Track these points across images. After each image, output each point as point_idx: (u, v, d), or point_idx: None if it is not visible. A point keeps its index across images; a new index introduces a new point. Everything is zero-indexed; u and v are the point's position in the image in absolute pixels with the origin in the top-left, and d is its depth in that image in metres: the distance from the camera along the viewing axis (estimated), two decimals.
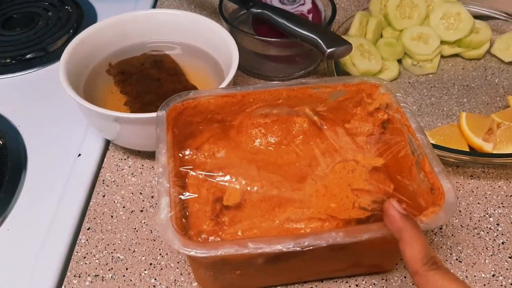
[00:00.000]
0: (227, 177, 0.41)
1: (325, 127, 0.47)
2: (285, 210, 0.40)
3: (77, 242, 0.48)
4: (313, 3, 0.64)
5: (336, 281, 0.45)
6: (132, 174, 0.54)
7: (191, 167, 0.42)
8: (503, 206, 0.51)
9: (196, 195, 0.40)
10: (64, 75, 0.51)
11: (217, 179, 0.41)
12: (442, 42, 0.67)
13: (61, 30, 0.71)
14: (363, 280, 0.45)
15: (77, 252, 0.47)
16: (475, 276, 0.45)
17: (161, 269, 0.46)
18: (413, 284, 0.44)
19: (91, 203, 0.51)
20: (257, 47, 0.62)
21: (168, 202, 0.36)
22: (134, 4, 0.76)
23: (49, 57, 0.67)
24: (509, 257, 0.47)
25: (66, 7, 0.76)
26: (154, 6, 0.78)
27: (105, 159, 0.55)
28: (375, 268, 0.45)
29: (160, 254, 0.47)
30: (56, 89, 0.52)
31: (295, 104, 0.46)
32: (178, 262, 0.46)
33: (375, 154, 0.44)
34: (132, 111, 0.53)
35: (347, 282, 0.45)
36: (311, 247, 0.34)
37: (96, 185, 0.53)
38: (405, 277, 0.45)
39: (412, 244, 0.32)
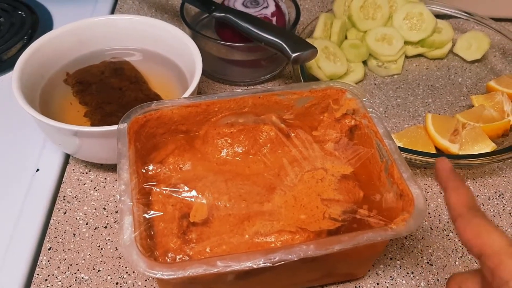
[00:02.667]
0: (193, 192, 0.40)
1: (292, 134, 0.46)
2: (254, 223, 0.38)
3: (38, 263, 0.45)
4: (277, 5, 0.63)
5: None
6: (94, 188, 0.51)
7: (155, 183, 0.40)
8: None
9: (161, 213, 0.38)
10: (17, 86, 0.48)
11: (183, 194, 0.40)
12: (406, 43, 0.67)
13: (14, 37, 0.68)
14: None
15: (38, 274, 0.44)
16: (446, 278, 0.45)
17: None
18: None
19: (51, 221, 0.48)
20: (221, 52, 0.61)
21: (131, 222, 0.34)
22: (92, 9, 0.73)
23: (2, 66, 0.64)
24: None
25: (19, 12, 0.72)
26: (113, 11, 0.75)
27: (65, 174, 0.53)
28: (348, 276, 0.44)
29: (127, 273, 0.45)
30: (10, 100, 0.49)
31: (261, 112, 0.45)
32: (145, 280, 0.44)
33: (344, 162, 0.43)
34: (93, 123, 0.51)
35: None
36: (282, 262, 0.33)
37: (56, 202, 0.50)
38: (377, 284, 0.45)
39: (458, 191, 0.32)
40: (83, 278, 0.44)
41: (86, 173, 0.53)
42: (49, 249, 0.46)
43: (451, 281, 0.34)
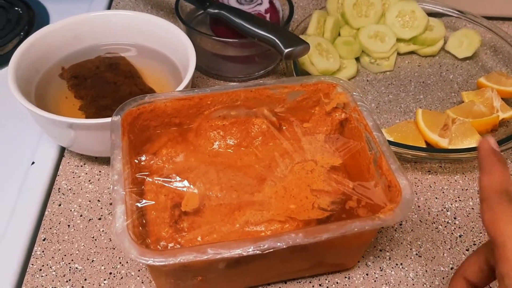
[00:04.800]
0: (185, 182, 0.41)
1: (284, 127, 0.47)
2: (244, 213, 0.39)
3: (32, 254, 0.46)
4: (271, 2, 0.64)
5: (300, 282, 0.45)
6: (89, 181, 0.52)
7: (148, 173, 0.41)
8: (460, 200, 0.52)
9: (154, 202, 0.39)
10: (13, 80, 0.49)
11: (175, 184, 0.40)
12: (398, 40, 0.68)
13: (11, 32, 0.68)
14: (326, 279, 0.45)
15: (32, 264, 0.45)
16: (434, 270, 0.46)
17: (121, 278, 0.44)
18: (375, 281, 0.45)
19: (46, 212, 0.49)
20: (215, 47, 0.62)
21: (123, 211, 0.35)
22: (88, 5, 0.74)
23: None
24: (466, 250, 0.48)
25: (16, 8, 0.72)
26: (109, 7, 0.76)
27: (60, 167, 0.53)
28: (337, 266, 0.45)
29: (120, 263, 0.45)
30: (6, 94, 0.50)
31: (253, 106, 0.46)
32: (139, 270, 0.45)
33: (333, 154, 0.44)
34: (87, 116, 0.52)
35: (310, 282, 0.45)
36: (271, 250, 0.34)
37: (51, 194, 0.51)
38: (367, 274, 0.45)
39: (492, 173, 0.31)
40: (77, 268, 0.45)
41: (81, 166, 0.54)
42: (43, 240, 0.47)
43: (456, 277, 0.35)
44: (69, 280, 0.44)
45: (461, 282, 0.35)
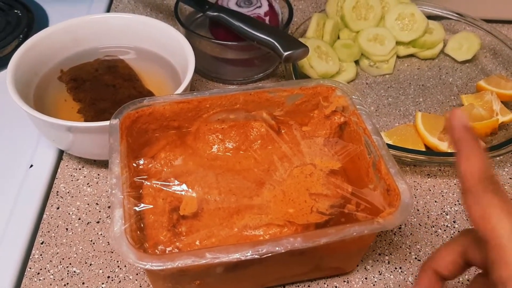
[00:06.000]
0: (184, 186, 0.40)
1: (283, 131, 0.46)
2: (243, 217, 0.39)
3: (30, 257, 0.46)
4: (270, 5, 0.64)
5: (298, 286, 0.45)
6: (87, 184, 0.52)
7: (146, 176, 0.41)
8: (459, 204, 0.52)
9: (152, 206, 0.39)
10: (12, 83, 0.49)
11: (173, 188, 0.40)
12: (398, 43, 0.68)
13: (10, 35, 0.68)
14: (325, 283, 0.45)
15: (30, 268, 0.45)
16: None
17: (119, 282, 0.44)
18: (374, 285, 0.45)
19: (44, 216, 0.49)
20: (214, 50, 0.62)
21: (122, 215, 0.35)
22: (87, 8, 0.74)
23: None
24: None
25: (15, 11, 0.73)
26: (108, 10, 0.76)
27: (58, 170, 0.53)
28: (336, 270, 0.45)
29: (118, 267, 0.45)
30: (4, 97, 0.50)
31: (252, 109, 0.46)
32: (137, 274, 0.45)
33: (332, 157, 0.44)
34: (86, 119, 0.52)
35: (309, 286, 0.45)
36: (270, 254, 0.34)
37: (49, 197, 0.51)
38: (365, 278, 0.45)
39: (470, 157, 0.28)
40: (75, 271, 0.45)
41: (80, 169, 0.53)
42: (41, 243, 0.47)
43: (425, 269, 0.33)
44: (67, 283, 0.44)
45: (430, 274, 0.33)
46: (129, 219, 0.35)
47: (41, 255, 0.46)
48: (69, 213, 0.49)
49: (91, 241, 0.47)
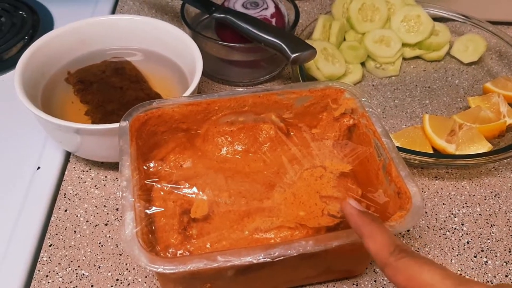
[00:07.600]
0: (194, 189, 0.40)
1: (292, 133, 0.46)
2: (254, 219, 0.39)
3: (39, 260, 0.46)
4: (276, 7, 0.64)
5: None
6: (95, 186, 0.52)
7: (157, 179, 0.41)
8: (467, 206, 0.52)
9: (163, 209, 0.39)
10: (19, 85, 0.49)
11: (183, 191, 0.40)
12: (404, 45, 0.68)
13: (15, 36, 0.68)
14: (334, 286, 0.45)
15: (39, 270, 0.45)
16: None
17: (128, 284, 0.44)
18: None
19: (52, 218, 0.49)
20: (221, 52, 0.62)
21: (133, 217, 0.35)
22: (93, 9, 0.74)
23: (3, 65, 0.64)
24: (474, 256, 0.48)
25: (20, 12, 0.72)
26: (113, 11, 0.76)
27: (66, 172, 0.53)
28: (346, 273, 0.45)
29: (127, 269, 0.45)
30: (12, 99, 0.50)
31: (261, 111, 0.46)
32: (146, 277, 0.45)
33: (342, 160, 0.44)
34: (93, 121, 0.51)
35: None
36: (282, 257, 0.33)
37: (57, 199, 0.50)
38: (375, 281, 0.45)
39: (373, 236, 0.31)
40: (83, 274, 0.45)
41: (87, 171, 0.53)
42: (50, 246, 0.47)
43: None
44: (76, 286, 0.44)
45: None
46: (140, 222, 0.35)
47: (49, 257, 0.46)
48: (77, 216, 0.49)
49: (100, 243, 0.47)
